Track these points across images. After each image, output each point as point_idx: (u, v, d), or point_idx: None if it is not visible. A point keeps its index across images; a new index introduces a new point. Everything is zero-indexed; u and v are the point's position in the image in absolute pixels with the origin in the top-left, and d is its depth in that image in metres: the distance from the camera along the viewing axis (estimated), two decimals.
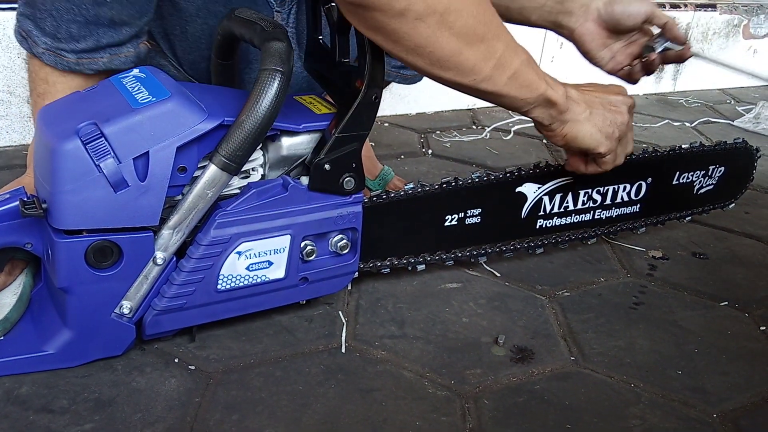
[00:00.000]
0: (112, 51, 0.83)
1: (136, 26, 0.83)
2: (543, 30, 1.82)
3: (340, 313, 0.90)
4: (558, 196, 1.02)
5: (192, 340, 0.82)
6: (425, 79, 1.77)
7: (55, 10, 0.78)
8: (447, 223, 0.95)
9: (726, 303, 1.00)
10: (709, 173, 1.16)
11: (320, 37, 0.89)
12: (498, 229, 1.01)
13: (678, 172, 1.12)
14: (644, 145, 1.63)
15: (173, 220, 0.74)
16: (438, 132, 1.64)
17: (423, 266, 0.97)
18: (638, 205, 1.11)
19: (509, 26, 0.83)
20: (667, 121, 1.86)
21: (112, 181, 0.68)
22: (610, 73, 1.08)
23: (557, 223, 1.05)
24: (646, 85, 2.12)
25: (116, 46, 0.83)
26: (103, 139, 0.68)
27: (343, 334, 0.86)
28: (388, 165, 1.31)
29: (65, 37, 0.80)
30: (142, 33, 0.85)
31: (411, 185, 0.93)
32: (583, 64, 1.91)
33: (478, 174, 0.97)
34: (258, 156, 0.81)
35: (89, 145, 0.67)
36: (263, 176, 0.82)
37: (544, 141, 1.63)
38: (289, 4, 0.97)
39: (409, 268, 0.96)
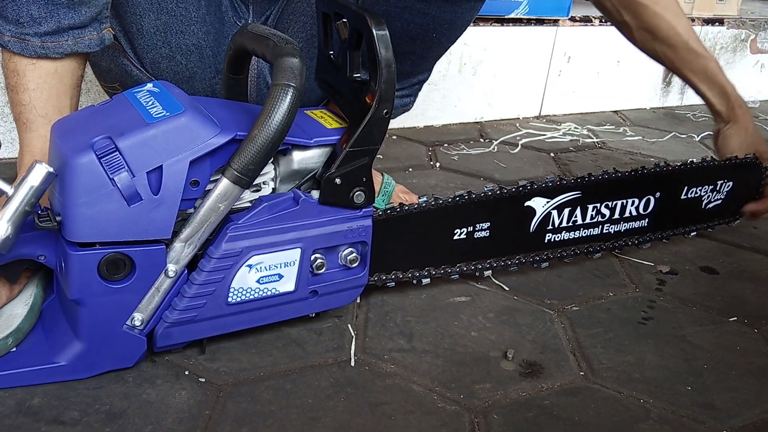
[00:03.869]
0: (75, 34, 0.83)
1: (94, 6, 0.84)
2: (551, 44, 1.85)
3: (349, 326, 0.90)
4: (567, 211, 1.03)
5: (202, 352, 0.82)
6: (432, 93, 1.76)
7: None
8: (456, 237, 0.96)
9: (735, 318, 1.00)
10: (718, 188, 1.16)
11: (331, 52, 0.90)
12: (507, 242, 1.01)
13: (687, 187, 1.12)
14: (652, 159, 1.64)
15: (185, 233, 0.74)
16: (446, 145, 1.64)
17: (431, 280, 0.97)
18: (647, 220, 1.11)
19: None
20: (674, 133, 1.86)
21: (126, 195, 0.69)
22: None
23: (566, 238, 1.05)
24: (654, 99, 2.13)
25: (79, 29, 0.84)
26: (117, 153, 0.69)
27: (353, 348, 0.86)
28: (396, 178, 1.31)
29: (27, 20, 0.80)
30: (102, 17, 0.86)
31: (424, 198, 0.93)
32: (588, 79, 1.92)
33: (489, 188, 0.97)
34: (269, 170, 0.81)
35: (103, 158, 0.68)
36: (274, 190, 0.83)
37: (552, 154, 1.64)
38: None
39: (416, 281, 0.96)
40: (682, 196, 1.13)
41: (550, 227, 1.03)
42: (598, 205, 1.05)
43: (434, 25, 0.96)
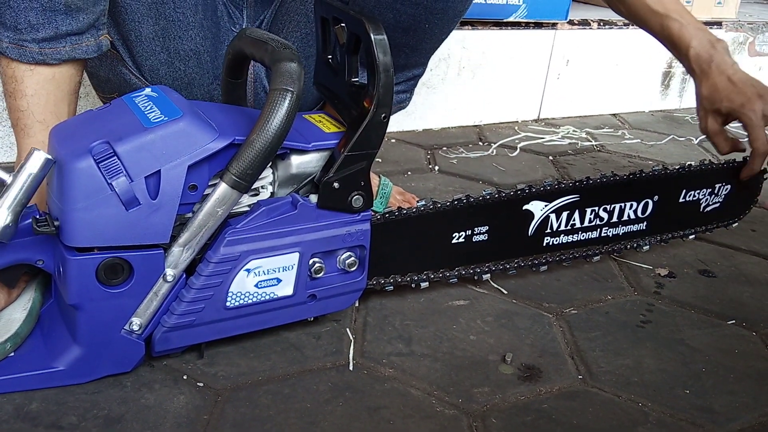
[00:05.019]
0: (73, 40, 0.84)
1: (92, 13, 0.84)
2: (549, 47, 1.85)
3: (347, 330, 0.90)
4: (565, 214, 1.03)
5: (200, 356, 0.82)
6: (431, 97, 1.77)
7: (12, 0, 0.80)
8: (454, 241, 0.96)
9: (733, 321, 1.00)
10: (716, 191, 1.16)
11: (329, 56, 0.90)
12: (505, 246, 1.01)
13: (685, 190, 1.12)
14: (651, 162, 1.64)
15: (183, 237, 0.74)
16: (445, 148, 1.65)
17: (430, 283, 0.97)
18: (645, 223, 1.11)
19: None
20: (672, 136, 1.87)
21: (124, 200, 0.69)
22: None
23: (564, 241, 1.05)
24: (653, 102, 2.13)
25: (76, 35, 0.84)
26: (115, 157, 0.69)
27: (351, 352, 0.86)
28: (395, 181, 1.31)
29: (25, 27, 0.81)
30: (99, 24, 0.87)
31: (423, 202, 0.93)
32: (588, 82, 1.93)
33: (487, 191, 0.97)
34: (268, 174, 0.81)
35: (102, 163, 0.68)
36: (273, 194, 0.83)
37: (550, 157, 1.64)
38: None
39: (415, 285, 0.96)
40: (680, 200, 1.13)
41: (548, 231, 1.03)
42: (597, 208, 1.05)
43: (426, 15, 0.96)
